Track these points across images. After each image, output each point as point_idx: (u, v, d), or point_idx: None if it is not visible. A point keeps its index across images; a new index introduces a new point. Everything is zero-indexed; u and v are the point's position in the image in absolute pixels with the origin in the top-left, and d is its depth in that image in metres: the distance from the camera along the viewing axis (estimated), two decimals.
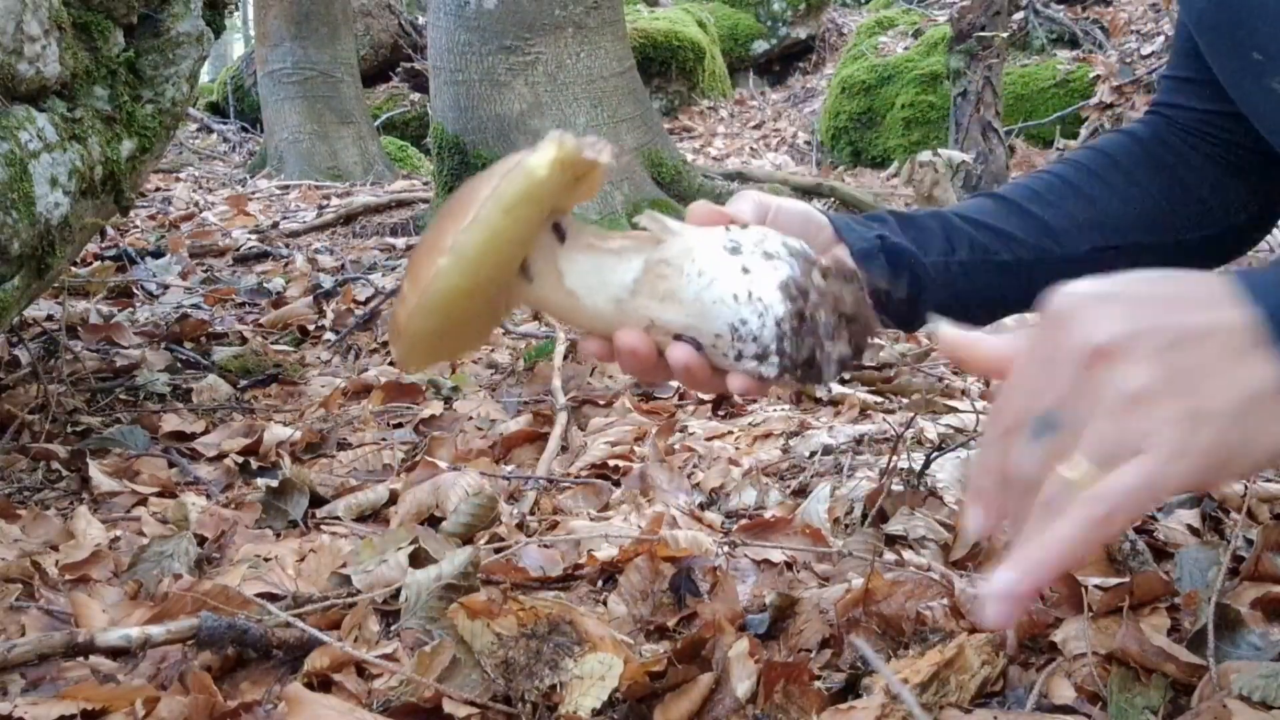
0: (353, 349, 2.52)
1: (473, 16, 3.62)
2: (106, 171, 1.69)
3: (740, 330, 0.72)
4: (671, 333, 0.75)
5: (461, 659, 0.90)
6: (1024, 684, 0.82)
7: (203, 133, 8.73)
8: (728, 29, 9.16)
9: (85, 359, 2.20)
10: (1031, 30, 6.53)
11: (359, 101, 6.74)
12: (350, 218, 4.23)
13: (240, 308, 2.99)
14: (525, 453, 1.67)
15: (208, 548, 1.34)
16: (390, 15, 8.85)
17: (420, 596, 1.04)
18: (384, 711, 0.89)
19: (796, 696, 0.81)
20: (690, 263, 0.73)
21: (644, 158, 3.81)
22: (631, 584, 1.08)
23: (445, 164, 3.75)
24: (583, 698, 0.83)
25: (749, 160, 6.60)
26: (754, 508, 1.34)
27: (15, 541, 1.35)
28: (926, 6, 8.32)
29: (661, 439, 1.61)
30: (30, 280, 1.58)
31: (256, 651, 1.00)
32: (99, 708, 0.92)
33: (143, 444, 1.77)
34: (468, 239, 0.71)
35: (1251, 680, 0.74)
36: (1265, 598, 0.88)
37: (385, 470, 1.64)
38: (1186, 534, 1.07)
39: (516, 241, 0.74)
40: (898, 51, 6.81)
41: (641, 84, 4.00)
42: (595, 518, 1.34)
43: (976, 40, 3.68)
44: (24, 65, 1.49)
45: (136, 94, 1.78)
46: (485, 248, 0.72)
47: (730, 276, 0.72)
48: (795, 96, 8.69)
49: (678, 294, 0.74)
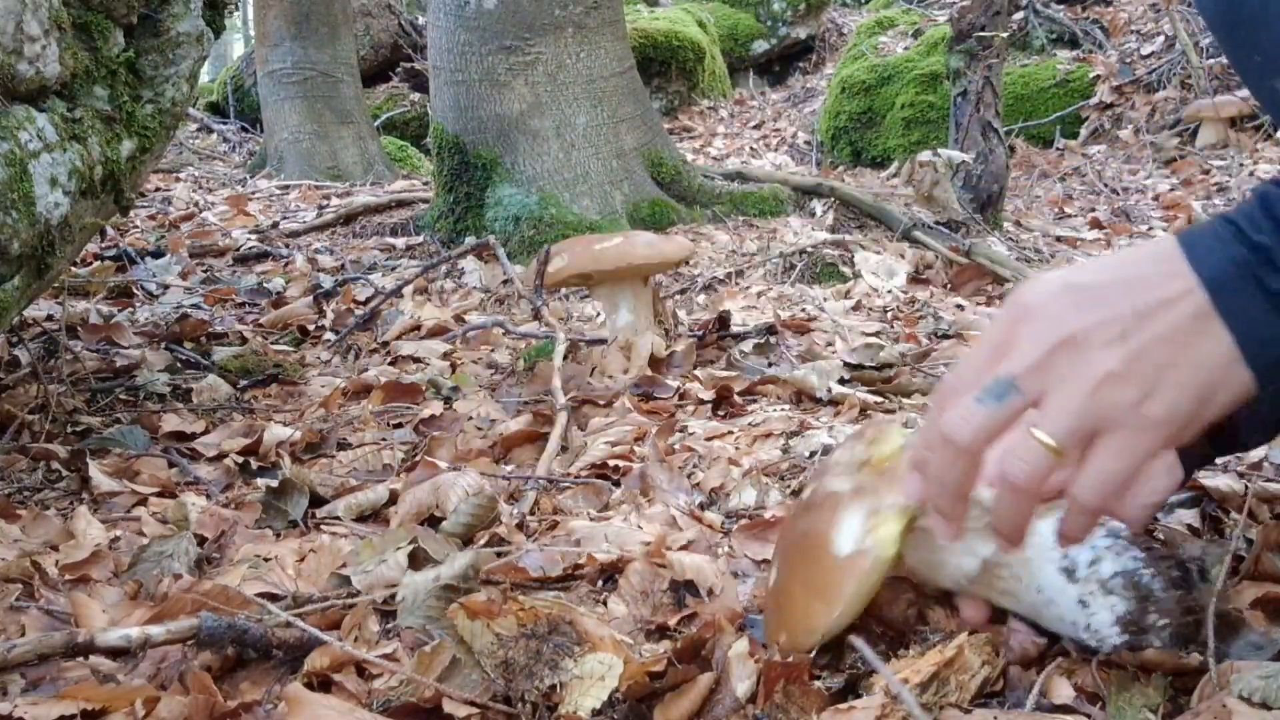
0: (353, 349, 2.52)
1: (473, 16, 3.62)
2: (106, 171, 1.69)
3: (1075, 635, 0.81)
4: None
5: (461, 659, 0.90)
6: (1024, 684, 0.82)
7: (203, 133, 8.73)
8: (728, 29, 9.15)
9: (85, 359, 2.20)
10: (1031, 30, 6.53)
11: (359, 101, 6.74)
12: (350, 218, 4.23)
13: (240, 308, 2.99)
14: (525, 453, 1.67)
15: (208, 548, 1.34)
16: (390, 15, 8.85)
17: (419, 597, 1.04)
18: (384, 711, 0.89)
19: (796, 696, 0.81)
20: (1028, 574, 0.81)
21: (644, 158, 3.81)
22: (631, 584, 1.08)
23: (445, 164, 3.75)
24: (583, 698, 0.83)
25: (749, 160, 6.59)
26: (754, 508, 1.34)
27: (15, 541, 1.35)
28: (926, 6, 8.32)
29: (661, 439, 1.61)
30: (30, 280, 1.58)
31: (256, 651, 1.00)
32: (99, 708, 0.92)
33: (143, 444, 1.77)
34: (836, 624, 0.83)
35: (1251, 680, 0.74)
36: (1265, 598, 0.88)
37: (385, 470, 1.64)
38: (1187, 534, 1.06)
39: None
40: (898, 51, 6.81)
41: (641, 84, 4.00)
42: (595, 518, 1.34)
43: (976, 40, 3.68)
44: (24, 65, 1.49)
45: (136, 94, 1.78)
46: (851, 614, 0.83)
47: (1068, 602, 0.80)
48: (795, 96, 8.68)
49: (1017, 595, 0.83)
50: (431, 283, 3.19)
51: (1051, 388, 0.65)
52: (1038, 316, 0.66)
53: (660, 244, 2.07)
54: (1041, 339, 0.65)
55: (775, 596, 0.90)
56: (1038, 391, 0.65)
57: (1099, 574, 0.79)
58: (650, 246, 2.05)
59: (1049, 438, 0.65)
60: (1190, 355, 0.63)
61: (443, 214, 3.80)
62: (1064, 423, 0.64)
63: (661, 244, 2.07)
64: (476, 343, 2.48)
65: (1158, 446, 0.64)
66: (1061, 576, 0.80)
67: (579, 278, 2.09)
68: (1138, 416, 0.63)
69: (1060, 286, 0.67)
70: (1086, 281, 0.66)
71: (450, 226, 3.75)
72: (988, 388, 0.66)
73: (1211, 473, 1.25)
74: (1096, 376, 0.63)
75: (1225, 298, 0.62)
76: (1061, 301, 0.66)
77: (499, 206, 3.62)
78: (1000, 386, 0.66)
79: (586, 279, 2.11)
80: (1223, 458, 1.33)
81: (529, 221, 3.55)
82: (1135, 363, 0.63)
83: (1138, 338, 0.63)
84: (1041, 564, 0.81)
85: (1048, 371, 0.65)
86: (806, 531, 0.86)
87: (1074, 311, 0.65)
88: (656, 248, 2.05)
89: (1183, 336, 0.63)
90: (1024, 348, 0.66)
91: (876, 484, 0.84)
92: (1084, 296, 0.65)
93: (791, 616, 0.85)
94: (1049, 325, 0.65)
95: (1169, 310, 0.63)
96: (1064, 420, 0.64)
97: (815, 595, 0.83)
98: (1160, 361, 0.63)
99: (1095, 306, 0.64)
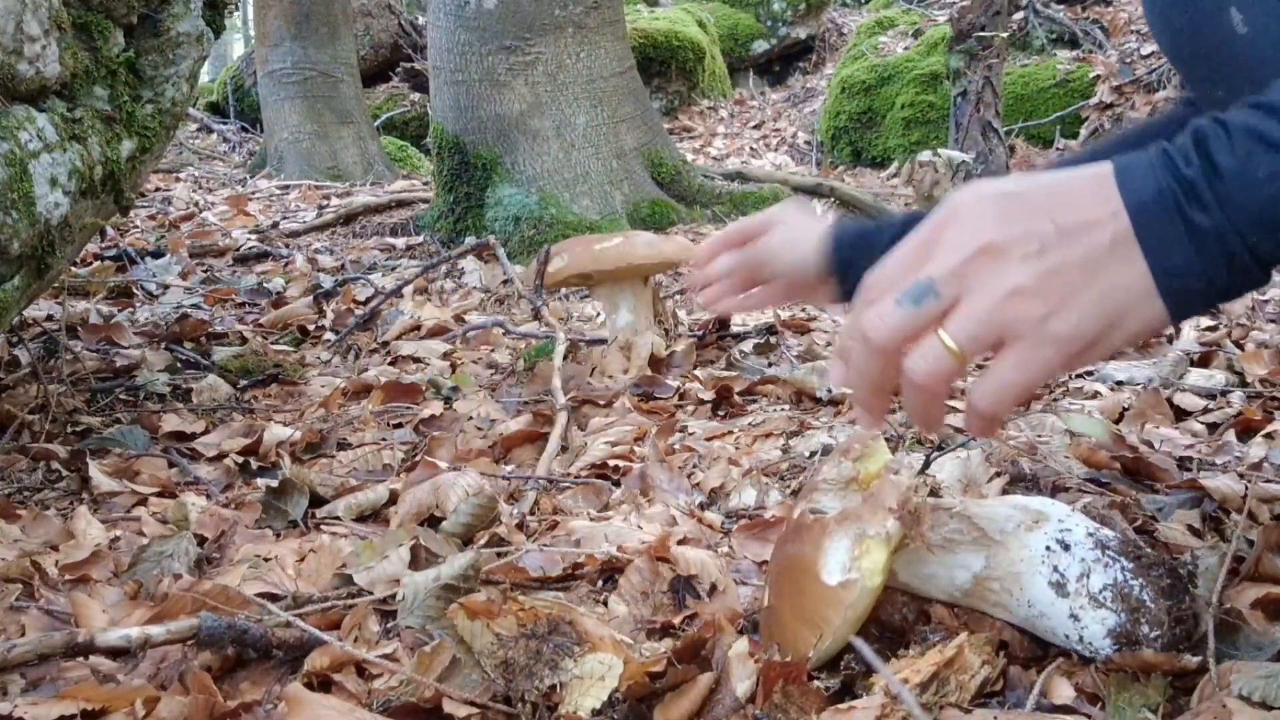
0: (353, 349, 2.52)
1: (473, 16, 3.62)
2: (106, 171, 1.68)
3: (1069, 647, 0.82)
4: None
5: (461, 659, 0.90)
6: (1024, 684, 0.82)
7: (203, 133, 8.73)
8: (728, 29, 9.16)
9: (85, 359, 2.20)
10: (1031, 30, 6.52)
11: (359, 101, 6.75)
12: (350, 218, 4.23)
13: (240, 308, 2.99)
14: (525, 453, 1.67)
15: (208, 548, 1.34)
16: (390, 15, 8.85)
17: (419, 597, 1.04)
18: (384, 711, 0.89)
19: (796, 696, 0.81)
20: (1019, 589, 0.83)
21: (644, 157, 3.81)
22: (631, 584, 1.08)
23: (445, 164, 3.75)
24: (583, 698, 0.83)
25: (749, 160, 6.59)
26: (754, 508, 1.34)
27: (15, 541, 1.35)
28: (926, 6, 8.32)
29: (661, 439, 1.61)
30: (30, 280, 1.58)
31: (256, 651, 1.00)
32: (99, 708, 0.91)
33: (143, 444, 1.77)
34: (825, 653, 0.84)
35: (1251, 680, 0.74)
36: (1266, 598, 0.88)
37: (385, 470, 1.64)
38: (1187, 535, 1.06)
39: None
40: (898, 51, 6.81)
41: (641, 84, 4.00)
42: (595, 518, 1.34)
43: (976, 40, 3.68)
44: (24, 65, 1.49)
45: (136, 94, 1.78)
46: (841, 642, 0.85)
47: (1059, 616, 0.81)
48: (795, 96, 8.68)
49: (1010, 609, 0.84)
50: (431, 283, 3.19)
51: (965, 293, 0.65)
52: (964, 221, 0.67)
53: (660, 244, 2.07)
54: (963, 244, 0.66)
55: (767, 618, 0.91)
56: (954, 295, 0.66)
57: (1089, 588, 0.79)
58: (650, 246, 2.05)
59: (952, 342, 0.65)
60: (1104, 278, 0.64)
61: (443, 214, 3.80)
62: (968, 329, 0.65)
63: (661, 244, 2.07)
64: (476, 343, 2.48)
65: (1058, 364, 0.65)
66: (1051, 591, 0.80)
67: (579, 278, 2.09)
68: (1041, 331, 0.64)
69: (992, 194, 0.67)
70: (1018, 192, 0.67)
71: (450, 226, 3.75)
72: (907, 290, 0.67)
73: (1211, 474, 1.25)
74: (1007, 288, 0.64)
75: (1147, 225, 0.63)
76: (989, 209, 0.66)
77: (499, 206, 3.62)
78: (919, 289, 0.67)
79: (586, 279, 2.11)
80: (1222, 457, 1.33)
81: (529, 221, 3.55)
82: (1047, 279, 0.64)
83: (1055, 255, 0.64)
84: (1031, 578, 0.81)
85: (965, 278, 0.65)
86: (795, 556, 0.86)
87: (998, 220, 0.65)
88: (656, 248, 2.05)
89: (1099, 259, 0.64)
90: (947, 251, 0.66)
91: (862, 509, 0.84)
92: (1012, 206, 0.66)
93: (783, 640, 0.86)
94: (973, 231, 0.66)
95: (1090, 231, 0.64)
96: (968, 327, 0.65)
97: (804, 623, 0.84)
98: (1072, 280, 0.64)
99: (1020, 218, 0.65)
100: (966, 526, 0.85)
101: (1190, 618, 0.79)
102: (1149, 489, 1.24)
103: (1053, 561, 0.81)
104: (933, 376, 0.67)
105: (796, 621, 0.85)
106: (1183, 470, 1.28)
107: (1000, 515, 0.85)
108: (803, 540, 0.86)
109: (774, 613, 0.89)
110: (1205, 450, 1.38)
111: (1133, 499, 1.16)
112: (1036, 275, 0.64)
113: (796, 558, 0.86)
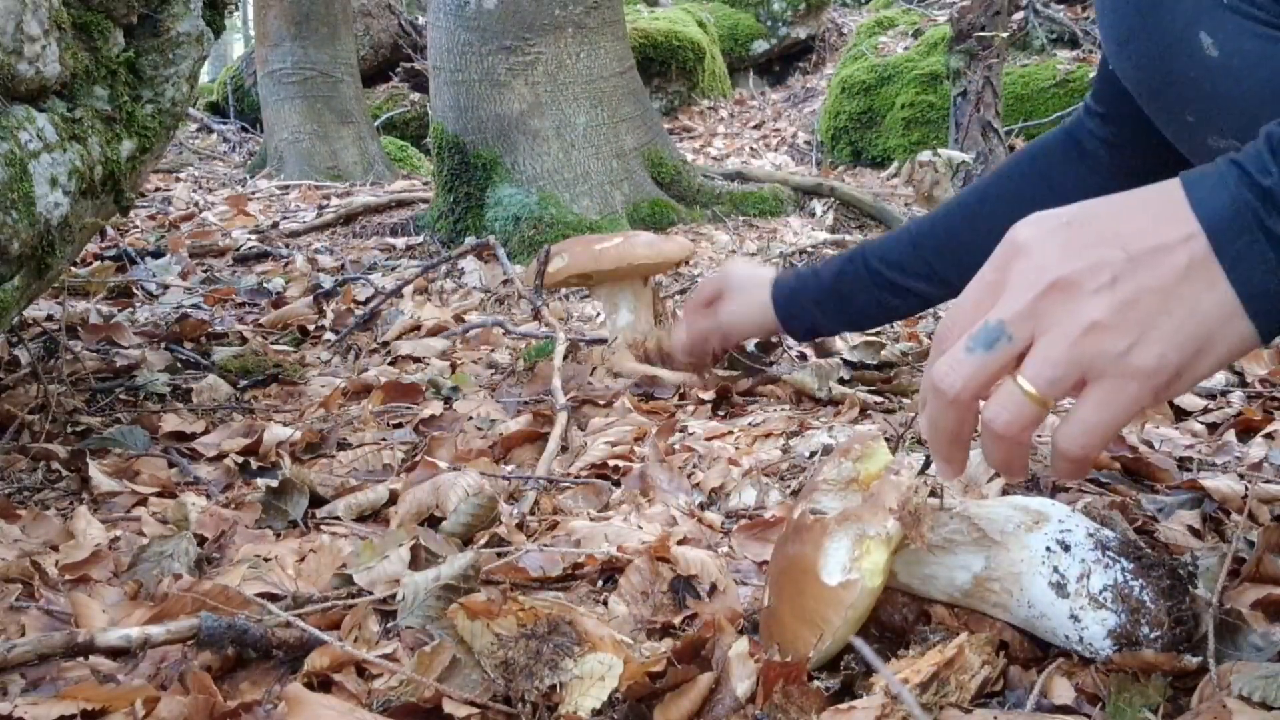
0: (353, 349, 2.52)
1: (473, 16, 3.62)
2: (106, 171, 1.68)
3: (1069, 647, 0.82)
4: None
5: (461, 659, 0.90)
6: (1024, 684, 0.82)
7: (203, 133, 8.73)
8: (728, 29, 9.16)
9: (85, 359, 2.20)
10: (1031, 30, 6.52)
11: (359, 101, 6.74)
12: (350, 218, 4.23)
13: (240, 308, 2.99)
14: (525, 453, 1.67)
15: (208, 548, 1.34)
16: (390, 15, 8.85)
17: (419, 597, 1.04)
18: (384, 711, 0.89)
19: (796, 696, 0.81)
20: (1019, 589, 0.83)
21: (644, 158, 3.81)
22: (631, 584, 1.08)
23: (445, 164, 3.75)
24: (583, 698, 0.83)
25: (749, 160, 6.59)
26: (754, 508, 1.34)
27: (15, 541, 1.35)
28: (926, 6, 8.32)
29: (661, 439, 1.61)
30: (30, 280, 1.58)
31: (256, 651, 1.00)
32: (99, 708, 0.91)
33: (143, 444, 1.77)
34: (825, 654, 0.84)
35: (1251, 680, 0.74)
36: (1266, 599, 0.88)
37: (385, 470, 1.64)
38: (1187, 535, 1.06)
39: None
40: (898, 51, 6.81)
41: (641, 84, 4.00)
42: (595, 518, 1.34)
43: (976, 40, 3.68)
44: (24, 65, 1.49)
45: (136, 94, 1.78)
46: (840, 643, 0.85)
47: (1059, 617, 0.81)
48: (795, 96, 8.68)
49: (1010, 609, 0.84)
50: (431, 283, 3.19)
51: (1039, 334, 0.62)
52: (1029, 256, 0.63)
53: (660, 244, 2.07)
54: (1032, 281, 0.62)
55: (767, 618, 0.91)
56: (1028, 337, 0.63)
57: (1089, 588, 0.79)
58: (650, 246, 2.05)
59: (1031, 387, 0.63)
60: (1184, 304, 0.60)
61: (443, 214, 3.80)
62: (1047, 372, 0.62)
63: (661, 244, 2.07)
64: (476, 343, 2.48)
65: (1145, 398, 0.62)
66: (1052, 591, 0.80)
67: (579, 278, 2.09)
68: (1123, 366, 0.60)
69: (1053, 224, 0.64)
70: (1082, 219, 0.63)
71: (450, 226, 3.75)
72: (976, 335, 0.64)
73: (1212, 474, 1.25)
74: (1083, 325, 0.61)
75: (1227, 244, 0.59)
76: (1053, 241, 0.63)
77: (499, 206, 3.62)
78: (989, 333, 0.63)
79: (586, 279, 2.11)
80: (1223, 457, 1.33)
81: (529, 221, 3.55)
82: (1124, 311, 0.60)
83: (1129, 284, 0.60)
84: (1032, 579, 0.81)
85: (1037, 316, 0.62)
86: (795, 556, 0.86)
87: (1064, 252, 0.62)
88: (656, 248, 2.05)
89: (1177, 285, 0.60)
90: (1015, 290, 0.63)
91: (862, 509, 0.84)
92: (1076, 236, 0.62)
93: (783, 640, 0.86)
94: (1039, 266, 0.62)
95: (1165, 256, 0.60)
96: (1046, 370, 0.62)
97: (804, 623, 0.84)
98: (1151, 309, 0.60)
99: (1088, 248, 0.61)
100: (967, 527, 0.85)
101: (1190, 618, 0.79)
102: (1149, 489, 1.24)
103: (1053, 562, 0.81)
104: (1014, 426, 0.64)
105: (796, 622, 0.85)
106: (1183, 470, 1.28)
107: (1000, 516, 0.85)
108: (803, 540, 0.86)
109: (774, 613, 0.89)
110: (1205, 450, 1.38)
111: (1133, 499, 1.16)
112: (1112, 308, 0.60)
113: (796, 558, 0.86)
